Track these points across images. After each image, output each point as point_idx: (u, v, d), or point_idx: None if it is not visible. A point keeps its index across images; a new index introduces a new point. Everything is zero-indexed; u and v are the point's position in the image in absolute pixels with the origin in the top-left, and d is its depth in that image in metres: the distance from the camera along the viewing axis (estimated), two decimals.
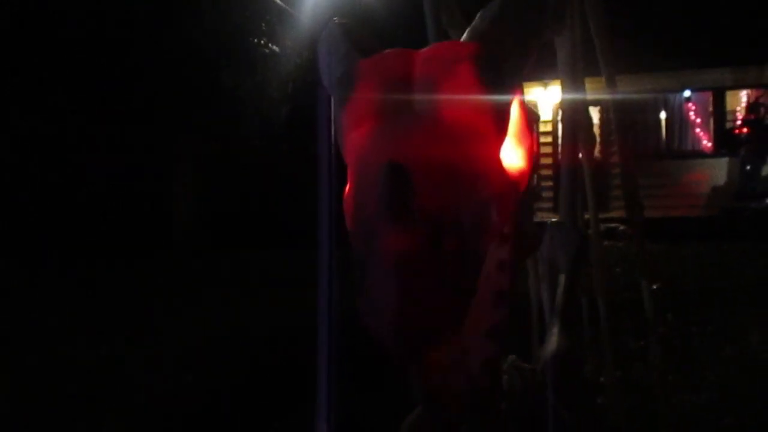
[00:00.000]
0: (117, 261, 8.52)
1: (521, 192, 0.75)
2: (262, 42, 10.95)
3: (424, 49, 0.78)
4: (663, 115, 10.82)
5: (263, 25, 10.83)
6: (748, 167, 9.80)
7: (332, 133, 1.27)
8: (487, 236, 0.70)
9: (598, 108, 7.06)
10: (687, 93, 10.72)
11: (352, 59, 0.78)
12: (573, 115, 1.29)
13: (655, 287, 1.73)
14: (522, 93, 0.77)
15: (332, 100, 0.81)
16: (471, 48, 0.73)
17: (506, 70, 0.73)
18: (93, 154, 10.11)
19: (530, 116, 0.77)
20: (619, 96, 1.54)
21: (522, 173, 0.75)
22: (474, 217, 0.68)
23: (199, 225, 10.96)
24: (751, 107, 10.51)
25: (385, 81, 0.74)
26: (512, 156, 0.75)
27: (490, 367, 0.74)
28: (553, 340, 1.01)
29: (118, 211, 10.10)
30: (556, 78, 1.32)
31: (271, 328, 4.52)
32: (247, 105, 11.14)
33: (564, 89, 1.29)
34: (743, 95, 10.90)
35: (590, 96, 1.35)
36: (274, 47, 10.94)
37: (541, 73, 4.40)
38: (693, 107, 10.87)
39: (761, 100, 10.42)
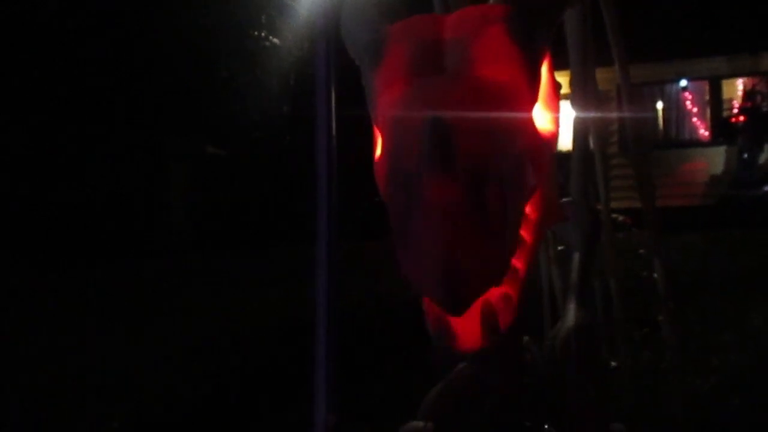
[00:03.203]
0: (112, 260, 8.50)
1: (552, 153, 0.77)
2: (262, 35, 10.89)
3: (453, 13, 0.79)
4: (660, 104, 10.82)
5: (263, 18, 10.77)
6: (746, 155, 9.82)
7: (332, 128, 1.28)
8: (524, 191, 0.71)
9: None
10: (683, 82, 10.72)
11: (380, 25, 0.80)
12: (584, 103, 1.30)
13: (655, 275, 1.75)
14: (550, 57, 0.78)
15: (361, 66, 0.81)
16: (502, 9, 0.75)
17: (537, 32, 0.74)
18: (88, 154, 10.07)
19: (556, 83, 0.79)
20: (631, 84, 1.55)
21: (552, 135, 0.77)
22: (511, 169, 0.69)
23: (194, 224, 10.93)
24: (747, 95, 10.51)
25: (416, 44, 0.75)
26: (542, 118, 0.76)
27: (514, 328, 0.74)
28: (570, 316, 1.01)
29: (114, 210, 10.08)
30: (563, 68, 1.33)
31: (269, 325, 4.52)
32: (245, 102, 11.09)
33: (574, 76, 1.30)
34: (739, 84, 10.91)
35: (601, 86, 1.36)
36: (274, 40, 10.89)
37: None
38: (689, 96, 10.88)
39: (758, 88, 10.43)
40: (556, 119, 0.78)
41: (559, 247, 1.45)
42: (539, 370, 0.92)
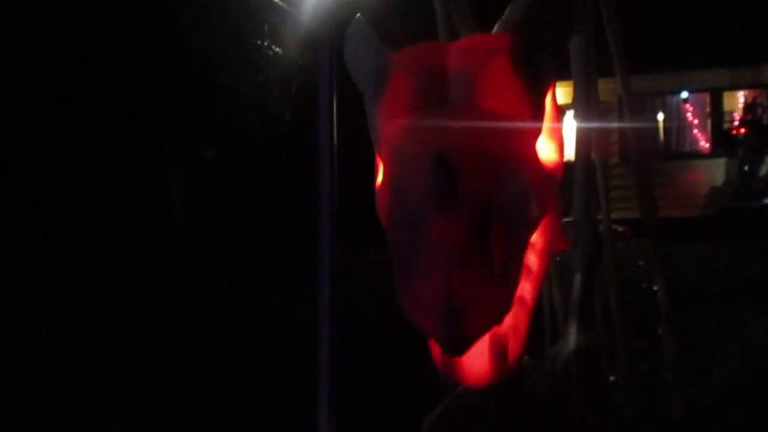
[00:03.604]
0: (113, 262, 8.50)
1: (557, 184, 0.76)
2: (265, 43, 10.92)
3: (457, 41, 0.79)
4: (661, 116, 10.85)
5: (265, 26, 10.81)
6: (746, 167, 9.83)
7: (333, 134, 1.28)
8: (529, 225, 0.70)
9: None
10: (684, 94, 10.74)
11: (384, 53, 0.79)
12: (586, 114, 1.30)
13: (655, 287, 1.74)
14: (554, 87, 0.78)
15: (364, 93, 0.81)
16: (507, 40, 0.74)
17: (542, 63, 0.74)
18: (88, 154, 10.08)
19: (560, 111, 0.78)
20: (633, 95, 1.55)
21: (556, 166, 0.76)
22: (516, 204, 0.68)
23: (194, 224, 10.94)
24: (748, 107, 10.53)
25: (421, 73, 0.75)
26: (546, 149, 0.75)
27: (520, 345, 0.74)
28: (572, 339, 1.01)
29: (114, 212, 10.08)
30: (563, 79, 1.33)
31: (270, 328, 4.52)
32: (246, 106, 11.12)
33: (577, 88, 1.30)
34: (740, 96, 10.93)
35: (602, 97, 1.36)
36: (277, 48, 10.93)
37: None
38: (690, 108, 10.90)
39: (758, 101, 10.45)
40: (561, 148, 0.77)
41: (557, 258, 1.45)
42: (539, 394, 0.91)
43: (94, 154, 10.10)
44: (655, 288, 1.71)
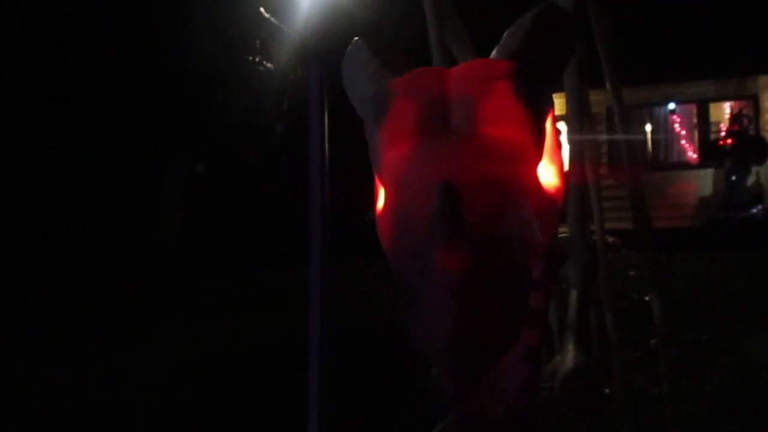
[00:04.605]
0: (105, 278, 8.43)
1: (559, 209, 0.75)
2: (256, 58, 10.95)
3: (457, 67, 0.78)
4: (648, 127, 10.94)
5: (257, 41, 10.84)
6: (733, 177, 9.91)
7: (324, 147, 1.27)
8: (534, 253, 0.69)
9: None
10: (671, 105, 10.85)
11: (383, 77, 0.78)
12: (579, 130, 1.30)
13: (646, 298, 1.74)
14: (553, 111, 0.77)
15: (363, 118, 0.80)
16: (507, 66, 0.73)
17: (542, 88, 0.73)
18: (81, 171, 10.02)
19: (558, 134, 0.78)
20: (624, 108, 1.56)
21: (557, 190, 0.76)
22: (521, 234, 0.67)
23: (187, 242, 10.88)
24: (734, 118, 10.64)
25: (422, 99, 0.74)
26: (546, 173, 0.75)
27: (528, 389, 0.74)
28: (569, 357, 1.00)
29: (106, 228, 10.01)
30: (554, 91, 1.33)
31: (261, 344, 4.48)
32: (238, 122, 11.11)
33: (569, 101, 1.30)
34: (726, 107, 11.05)
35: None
36: (268, 63, 10.95)
37: None
38: (678, 119, 11.00)
39: (744, 112, 10.56)
40: (561, 172, 0.77)
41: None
42: (536, 413, 0.90)
43: (86, 170, 10.04)
44: (647, 299, 1.70)
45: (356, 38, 0.83)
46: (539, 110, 0.73)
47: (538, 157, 0.73)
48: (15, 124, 9.47)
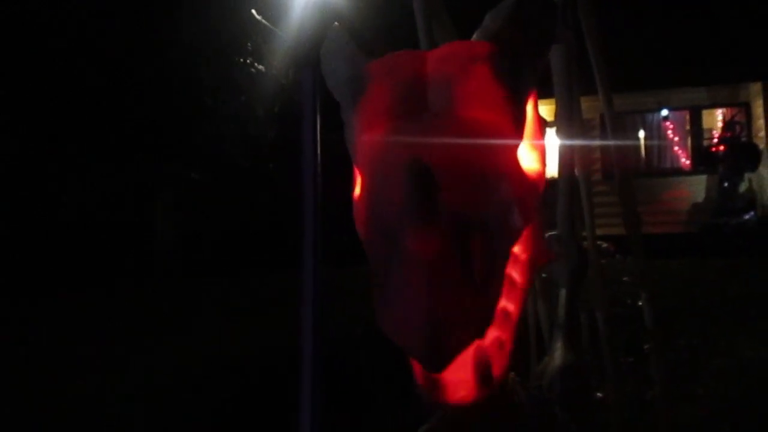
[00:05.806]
0: (99, 288, 8.39)
1: (540, 194, 0.75)
2: (247, 62, 10.94)
3: (437, 49, 0.77)
4: (642, 133, 10.99)
5: (249, 45, 10.83)
6: (726, 184, 9.96)
7: (317, 152, 1.28)
8: (511, 236, 0.68)
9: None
10: (664, 112, 10.90)
11: (360, 61, 0.77)
12: (569, 131, 1.31)
13: (639, 303, 1.75)
14: (536, 96, 0.76)
15: (341, 103, 0.80)
16: (487, 48, 0.72)
17: (522, 71, 0.72)
18: (74, 181, 9.99)
19: (542, 120, 0.78)
20: (615, 113, 1.57)
21: (539, 175, 0.75)
22: (497, 216, 0.66)
23: (181, 250, 10.84)
24: (727, 125, 10.71)
25: (398, 82, 0.73)
26: (528, 158, 0.74)
27: (504, 348, 0.71)
28: (557, 355, 0.99)
29: (100, 237, 9.96)
30: (545, 97, 1.34)
31: (255, 352, 4.47)
32: (231, 128, 11.09)
33: (559, 105, 1.31)
34: (719, 114, 11.12)
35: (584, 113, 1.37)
36: (260, 67, 10.94)
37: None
38: (670, 126, 11.06)
39: (737, 119, 10.63)
40: (543, 158, 0.76)
41: (543, 275, 1.45)
42: (526, 412, 0.88)
43: (79, 180, 10.00)
44: (640, 304, 1.71)
45: (334, 23, 0.83)
46: (519, 92, 0.72)
47: (518, 140, 0.71)
48: (7, 131, 9.44)
